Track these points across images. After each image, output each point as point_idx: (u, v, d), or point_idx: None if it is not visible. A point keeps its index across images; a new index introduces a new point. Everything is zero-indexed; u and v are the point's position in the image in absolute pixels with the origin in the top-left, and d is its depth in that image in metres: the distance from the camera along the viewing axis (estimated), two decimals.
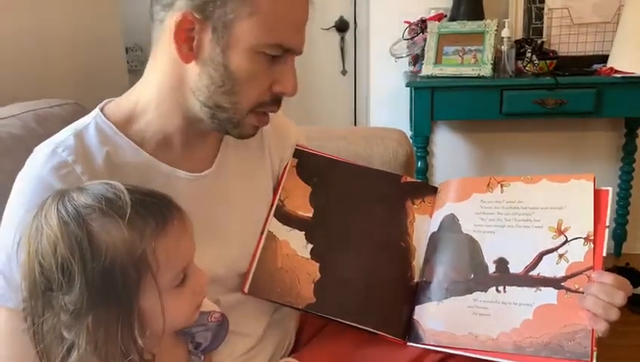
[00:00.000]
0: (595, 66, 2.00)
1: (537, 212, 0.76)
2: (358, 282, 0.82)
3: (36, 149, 0.74)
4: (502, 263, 0.75)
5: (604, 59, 1.98)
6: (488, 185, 0.81)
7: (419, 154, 2.01)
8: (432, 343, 0.76)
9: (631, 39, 1.85)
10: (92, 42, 1.80)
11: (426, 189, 0.91)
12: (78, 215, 0.56)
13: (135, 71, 1.83)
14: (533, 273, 0.73)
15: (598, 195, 0.75)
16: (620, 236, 2.36)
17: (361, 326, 0.79)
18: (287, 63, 0.73)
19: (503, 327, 0.72)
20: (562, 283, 0.72)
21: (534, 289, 0.72)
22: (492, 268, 0.76)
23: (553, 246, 0.73)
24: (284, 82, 0.73)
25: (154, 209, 0.59)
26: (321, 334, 0.89)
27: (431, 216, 0.87)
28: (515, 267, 0.75)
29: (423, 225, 0.86)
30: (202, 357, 0.68)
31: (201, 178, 0.79)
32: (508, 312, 0.73)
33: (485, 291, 0.75)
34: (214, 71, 0.70)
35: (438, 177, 2.44)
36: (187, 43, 0.69)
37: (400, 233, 0.86)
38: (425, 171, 2.08)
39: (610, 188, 0.75)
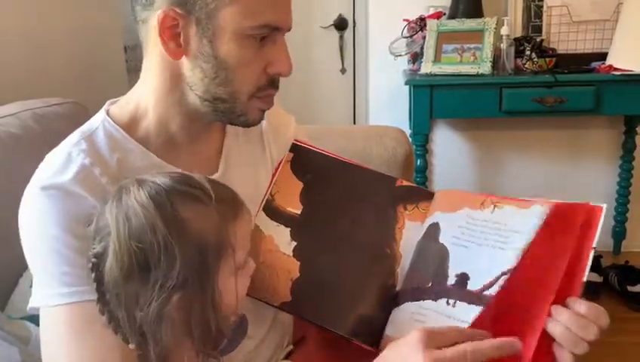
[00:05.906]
0: (595, 64, 2.00)
1: (515, 235, 0.71)
2: (337, 286, 0.79)
3: (48, 157, 0.72)
4: (462, 278, 0.71)
5: (603, 56, 1.98)
6: (483, 203, 0.77)
7: (418, 152, 2.01)
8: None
9: (630, 36, 1.86)
10: (91, 41, 1.80)
11: (420, 195, 0.85)
12: (168, 197, 0.60)
13: (134, 69, 1.83)
14: (487, 292, 0.69)
15: (592, 211, 0.68)
16: (619, 234, 2.36)
17: (335, 331, 0.76)
18: (277, 43, 0.71)
19: None
20: None
21: (481, 307, 0.68)
22: (452, 281, 0.73)
23: (511, 267, 0.69)
24: (277, 62, 0.72)
25: (229, 195, 0.66)
26: (316, 334, 0.89)
27: (422, 223, 0.82)
28: (474, 285, 0.71)
29: (414, 231, 0.82)
30: (221, 359, 0.67)
31: None
32: (443, 325, 0.68)
33: (436, 300, 0.72)
34: (205, 63, 0.69)
35: (437, 175, 2.44)
36: (174, 40, 0.69)
37: (386, 239, 0.82)
38: (424, 169, 2.07)
39: (604, 205, 0.68)
